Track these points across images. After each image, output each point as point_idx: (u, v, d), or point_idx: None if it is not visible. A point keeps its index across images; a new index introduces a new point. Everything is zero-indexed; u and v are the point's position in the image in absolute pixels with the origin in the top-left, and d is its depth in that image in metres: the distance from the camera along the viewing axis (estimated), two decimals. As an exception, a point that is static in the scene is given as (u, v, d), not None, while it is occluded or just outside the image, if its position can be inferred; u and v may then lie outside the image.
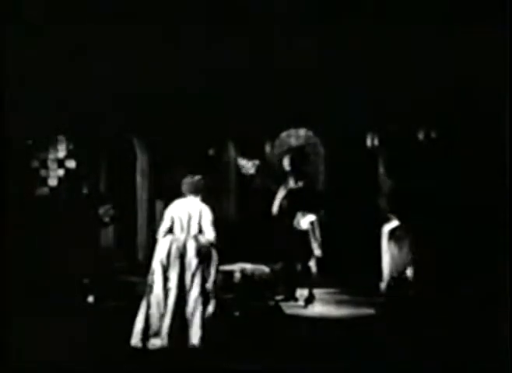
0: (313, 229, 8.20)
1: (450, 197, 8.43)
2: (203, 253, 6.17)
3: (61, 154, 10.18)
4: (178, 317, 5.99)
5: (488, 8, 7.59)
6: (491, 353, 5.61)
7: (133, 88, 9.51)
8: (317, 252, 8.15)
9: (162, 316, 5.99)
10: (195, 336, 5.95)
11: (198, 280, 6.09)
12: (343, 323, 7.24)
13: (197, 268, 6.10)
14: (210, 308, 6.10)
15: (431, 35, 8.47)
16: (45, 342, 6.07)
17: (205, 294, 6.09)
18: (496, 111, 7.45)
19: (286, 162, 8.54)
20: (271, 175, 8.81)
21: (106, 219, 9.04)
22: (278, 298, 8.21)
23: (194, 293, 6.05)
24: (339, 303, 8.21)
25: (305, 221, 8.18)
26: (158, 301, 6.05)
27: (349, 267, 8.85)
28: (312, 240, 8.18)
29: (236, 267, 8.57)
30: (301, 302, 8.16)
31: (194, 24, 9.37)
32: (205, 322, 6.01)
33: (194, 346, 5.91)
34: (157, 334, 5.97)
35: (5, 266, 6.41)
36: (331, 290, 8.85)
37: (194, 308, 6.01)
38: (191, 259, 6.10)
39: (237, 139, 11.13)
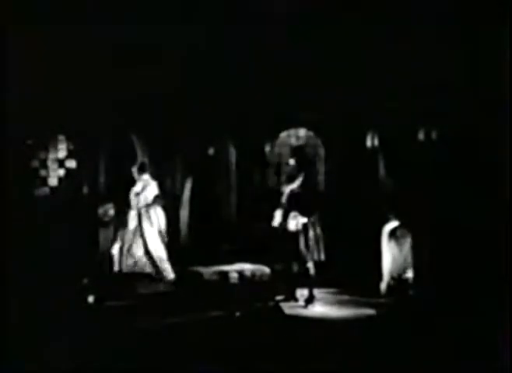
0: (305, 232, 8.11)
1: (450, 197, 8.43)
2: None
3: (61, 154, 10.19)
4: None
5: (489, 9, 7.59)
6: (491, 354, 5.61)
7: (133, 88, 9.51)
8: (307, 254, 8.07)
9: None
10: None
11: None
12: (343, 323, 7.23)
13: None
14: None
15: (432, 35, 8.47)
16: (45, 342, 6.06)
17: None
18: (496, 111, 7.45)
19: (292, 162, 8.50)
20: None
21: (106, 219, 9.04)
22: (278, 298, 8.21)
23: None
24: (339, 303, 8.20)
25: (293, 223, 8.12)
26: None
27: (349, 267, 8.84)
28: (301, 242, 8.10)
29: (236, 267, 8.56)
30: (301, 302, 8.15)
31: (194, 24, 9.38)
32: None
33: None
34: None
35: (5, 266, 6.40)
36: (331, 290, 8.85)
37: None
38: None
39: (237, 139, 11.13)
